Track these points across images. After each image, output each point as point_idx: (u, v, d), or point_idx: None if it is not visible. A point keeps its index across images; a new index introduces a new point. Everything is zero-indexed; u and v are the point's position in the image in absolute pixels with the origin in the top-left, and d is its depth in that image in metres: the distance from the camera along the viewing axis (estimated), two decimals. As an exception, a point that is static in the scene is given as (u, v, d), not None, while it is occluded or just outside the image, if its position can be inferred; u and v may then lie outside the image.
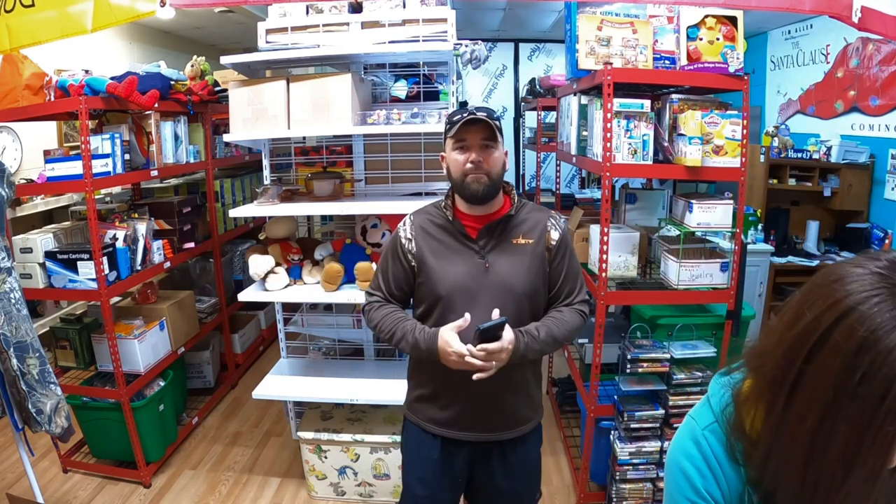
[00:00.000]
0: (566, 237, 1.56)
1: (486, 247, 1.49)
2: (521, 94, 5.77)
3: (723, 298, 2.22)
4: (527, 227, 1.52)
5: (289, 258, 2.56)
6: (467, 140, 1.44)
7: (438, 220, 1.54)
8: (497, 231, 1.50)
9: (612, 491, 2.36)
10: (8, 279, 1.93)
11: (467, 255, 1.49)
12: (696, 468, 0.81)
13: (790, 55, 4.88)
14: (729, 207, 2.12)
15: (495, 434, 1.55)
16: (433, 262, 1.49)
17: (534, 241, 1.51)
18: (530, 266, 1.49)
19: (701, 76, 2.08)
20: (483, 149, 1.44)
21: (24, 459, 2.13)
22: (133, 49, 4.48)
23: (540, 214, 1.56)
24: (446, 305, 1.47)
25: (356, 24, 2.38)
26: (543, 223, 1.54)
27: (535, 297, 1.52)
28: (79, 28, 1.81)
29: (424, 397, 1.59)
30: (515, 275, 1.48)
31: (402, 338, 1.48)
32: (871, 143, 4.01)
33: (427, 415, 1.58)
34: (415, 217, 1.59)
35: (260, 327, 4.21)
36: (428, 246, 1.51)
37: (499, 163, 1.46)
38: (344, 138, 2.76)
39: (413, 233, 1.54)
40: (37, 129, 3.41)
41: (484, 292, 1.46)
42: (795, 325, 0.69)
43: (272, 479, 2.79)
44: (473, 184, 1.43)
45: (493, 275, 1.47)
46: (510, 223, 1.51)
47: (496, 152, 1.45)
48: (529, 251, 1.50)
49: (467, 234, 1.50)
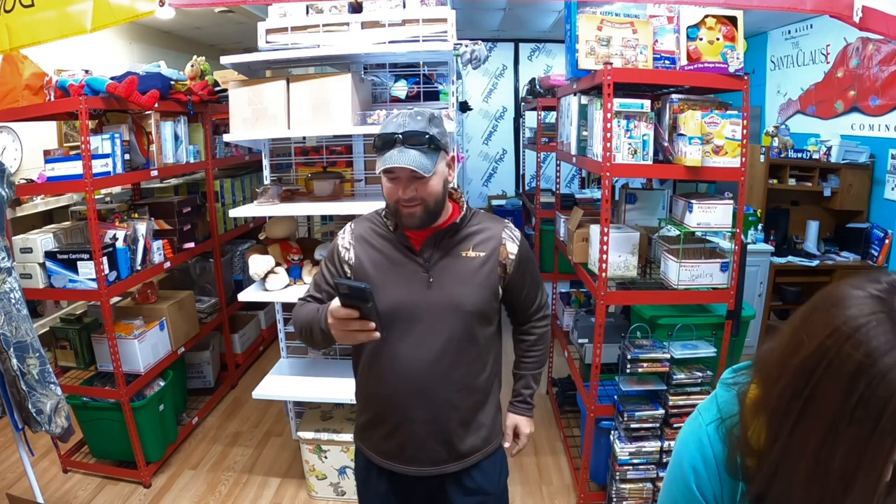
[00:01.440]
0: (525, 247, 1.43)
1: (431, 259, 1.35)
2: (521, 94, 5.77)
3: (723, 298, 2.22)
4: (478, 240, 1.38)
5: (289, 258, 2.56)
6: (395, 172, 1.27)
7: (380, 230, 1.40)
8: (443, 242, 1.36)
9: (612, 491, 2.36)
10: (8, 279, 1.93)
11: (410, 268, 1.34)
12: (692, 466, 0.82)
13: (790, 55, 4.88)
14: (729, 207, 2.12)
15: (443, 466, 1.39)
16: (373, 274, 1.35)
17: (485, 254, 1.37)
18: (479, 281, 1.35)
19: (701, 76, 2.08)
20: (414, 180, 1.26)
21: (24, 459, 2.13)
22: (133, 49, 4.48)
23: (493, 225, 1.42)
24: (385, 324, 1.26)
25: (356, 24, 2.38)
26: (497, 236, 1.39)
27: (485, 315, 1.38)
28: (78, 28, 1.80)
29: (370, 423, 1.44)
30: (462, 291, 1.34)
31: (309, 323, 1.34)
32: (871, 143, 4.01)
33: (373, 443, 1.44)
34: (355, 225, 1.45)
35: (260, 327, 4.21)
36: (368, 257, 1.38)
37: (436, 191, 1.30)
38: (344, 138, 2.76)
39: (352, 241, 1.41)
40: (37, 129, 3.41)
41: (428, 310, 1.32)
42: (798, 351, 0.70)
43: (272, 479, 2.79)
44: (407, 217, 1.30)
45: (438, 291, 1.33)
46: (458, 233, 1.38)
47: (431, 181, 1.28)
48: (479, 265, 1.36)
49: (411, 245, 1.36)
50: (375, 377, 1.39)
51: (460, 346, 1.35)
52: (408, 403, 1.35)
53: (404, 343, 1.33)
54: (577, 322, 2.97)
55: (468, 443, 1.41)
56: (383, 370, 1.37)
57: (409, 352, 1.33)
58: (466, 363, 1.37)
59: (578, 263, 2.56)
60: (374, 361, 1.38)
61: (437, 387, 1.34)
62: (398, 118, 1.29)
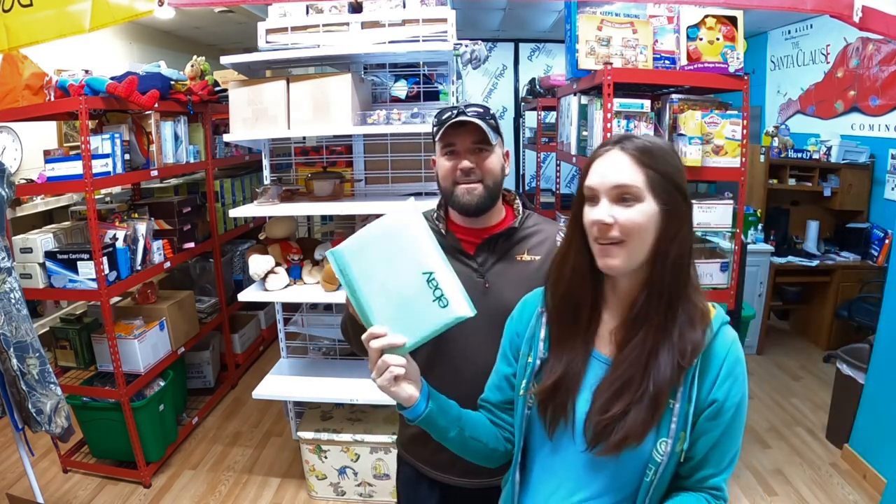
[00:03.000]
0: None
1: (486, 264, 1.29)
2: (521, 94, 5.77)
3: (723, 298, 2.22)
4: (533, 242, 1.32)
5: (289, 258, 2.56)
6: (456, 144, 1.24)
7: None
8: (498, 246, 1.30)
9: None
10: (8, 279, 1.93)
11: (464, 273, 1.26)
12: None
13: (790, 55, 4.89)
14: (729, 207, 2.12)
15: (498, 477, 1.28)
16: None
17: (541, 258, 1.30)
18: (536, 286, 1.26)
19: (701, 76, 2.08)
20: (475, 153, 1.24)
21: (24, 459, 2.13)
22: (133, 49, 4.48)
23: (548, 227, 1.36)
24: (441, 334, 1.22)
25: (356, 24, 2.38)
26: (552, 238, 1.34)
27: None
28: (77, 27, 1.80)
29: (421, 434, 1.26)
30: (519, 296, 1.24)
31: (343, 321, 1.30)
32: (871, 143, 4.01)
33: (423, 456, 1.38)
34: None
35: (260, 327, 4.21)
36: None
37: (496, 168, 1.26)
38: (344, 138, 2.76)
39: None
40: (37, 129, 3.41)
41: (483, 317, 1.20)
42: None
43: (272, 479, 2.79)
44: (465, 195, 1.24)
45: (494, 296, 1.27)
46: (513, 237, 1.32)
47: (492, 156, 1.25)
48: (535, 269, 1.29)
49: (463, 249, 1.30)
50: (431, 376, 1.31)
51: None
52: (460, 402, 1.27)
53: (460, 350, 1.28)
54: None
55: None
56: (438, 380, 1.25)
57: (464, 360, 1.27)
58: None
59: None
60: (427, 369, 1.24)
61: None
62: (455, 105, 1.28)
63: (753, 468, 2.79)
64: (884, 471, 2.55)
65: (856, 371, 2.84)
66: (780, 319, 4.79)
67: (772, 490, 2.63)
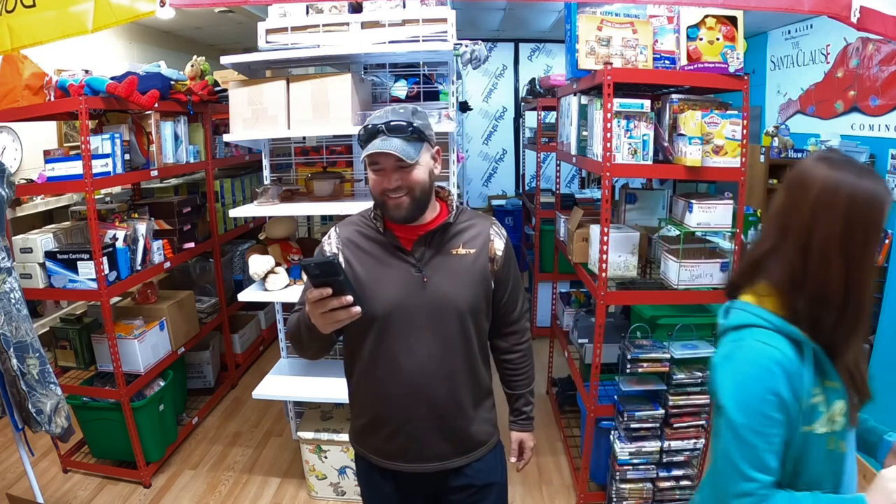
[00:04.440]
0: (509, 246, 1.44)
1: (423, 259, 1.33)
2: (521, 94, 5.77)
3: (723, 298, 2.22)
4: (468, 237, 1.38)
5: (289, 258, 2.57)
6: (380, 163, 1.27)
7: (368, 232, 1.38)
8: (434, 241, 1.35)
9: (612, 491, 2.36)
10: (8, 279, 1.93)
11: (402, 268, 1.33)
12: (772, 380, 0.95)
13: (790, 55, 4.89)
14: (729, 207, 2.12)
15: (449, 461, 1.40)
16: (365, 278, 1.33)
17: (475, 251, 1.37)
18: (473, 278, 1.36)
19: (701, 76, 2.08)
20: (399, 170, 1.27)
21: (24, 459, 2.13)
22: (133, 49, 4.48)
23: (481, 222, 1.42)
24: (382, 327, 1.31)
25: (356, 24, 2.38)
26: (486, 232, 1.40)
27: (479, 314, 1.38)
28: (79, 28, 1.81)
29: (369, 427, 1.42)
30: (457, 289, 1.34)
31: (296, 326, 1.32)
32: (871, 143, 4.01)
33: (373, 446, 1.42)
34: (340, 229, 1.42)
35: (260, 327, 4.21)
36: (358, 260, 1.35)
37: (421, 180, 1.29)
38: (344, 138, 2.76)
39: (339, 245, 1.38)
40: (37, 129, 3.41)
41: (423, 310, 1.32)
42: (790, 225, 1.00)
43: (272, 479, 2.79)
44: (394, 209, 1.29)
45: (433, 289, 1.32)
46: (448, 232, 1.37)
47: (416, 170, 1.27)
48: (470, 262, 1.36)
49: (401, 245, 1.34)
50: (374, 380, 1.37)
51: (459, 344, 1.35)
52: (410, 403, 1.34)
53: (402, 344, 1.32)
54: (577, 322, 2.97)
55: (473, 437, 1.42)
56: (382, 373, 1.35)
57: (407, 353, 1.32)
58: (466, 360, 1.37)
59: (578, 263, 2.56)
60: (371, 364, 1.37)
61: (439, 385, 1.34)
62: (382, 113, 1.30)
63: (753, 468, 2.79)
64: (884, 471, 2.55)
65: (856, 371, 2.83)
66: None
67: (772, 490, 2.63)
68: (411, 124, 1.28)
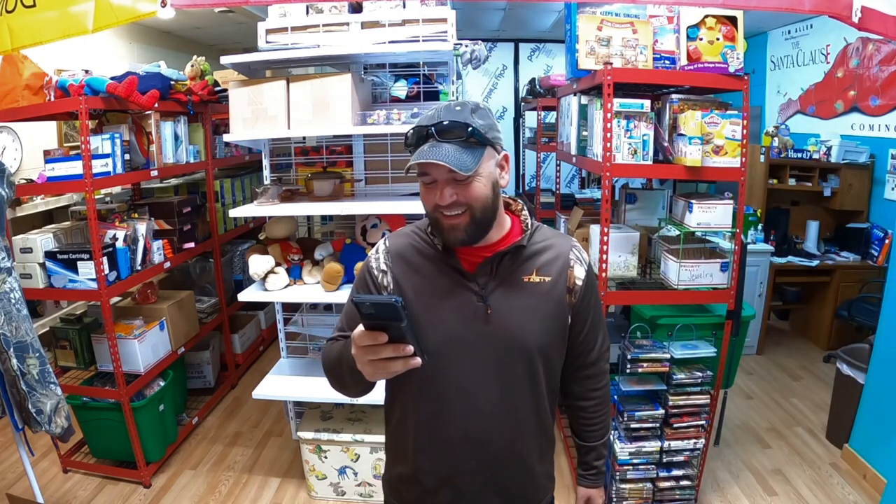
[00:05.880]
0: (592, 274, 1.21)
1: (488, 286, 1.11)
2: (521, 94, 5.77)
3: (723, 298, 2.22)
4: (543, 261, 1.14)
5: (289, 258, 2.57)
6: (431, 173, 1.05)
7: (423, 248, 1.15)
8: (502, 265, 1.12)
9: (612, 491, 2.36)
10: (8, 279, 1.93)
11: (463, 297, 1.10)
12: None
13: (790, 55, 4.89)
14: (729, 207, 2.12)
15: None
16: (417, 304, 1.11)
17: (552, 279, 1.13)
18: (546, 312, 1.13)
19: (701, 76, 2.08)
20: (454, 183, 1.04)
21: (24, 459, 2.13)
22: (133, 49, 4.48)
23: (560, 243, 1.18)
24: (433, 365, 1.04)
25: (356, 24, 2.38)
26: (565, 256, 1.16)
27: (551, 354, 1.16)
28: (80, 28, 1.80)
29: (410, 477, 1.20)
30: (527, 324, 1.11)
31: (336, 363, 1.11)
32: (871, 143, 4.02)
33: (413, 498, 1.21)
34: (391, 242, 1.19)
35: (260, 327, 4.21)
36: (410, 282, 1.13)
37: (483, 194, 1.05)
38: (344, 138, 2.76)
39: (389, 263, 1.16)
40: (37, 129, 3.41)
41: (484, 347, 1.10)
42: None
43: (272, 479, 2.79)
44: (450, 232, 1.07)
45: (498, 324, 1.10)
46: (520, 255, 1.13)
47: (477, 181, 1.05)
48: (546, 292, 1.13)
49: (462, 268, 1.11)
50: (422, 425, 1.15)
51: (525, 388, 1.13)
52: (461, 454, 1.13)
53: (457, 386, 1.11)
54: (577, 322, 2.97)
55: (529, 496, 1.23)
56: (429, 418, 1.14)
57: (462, 397, 1.11)
58: (533, 407, 1.16)
59: (578, 263, 2.55)
60: (416, 408, 1.15)
61: (495, 436, 1.13)
62: (433, 111, 1.08)
63: (753, 468, 2.79)
64: (884, 471, 2.56)
65: (856, 371, 2.84)
66: (780, 319, 4.80)
67: (772, 490, 2.63)
68: (469, 125, 1.03)
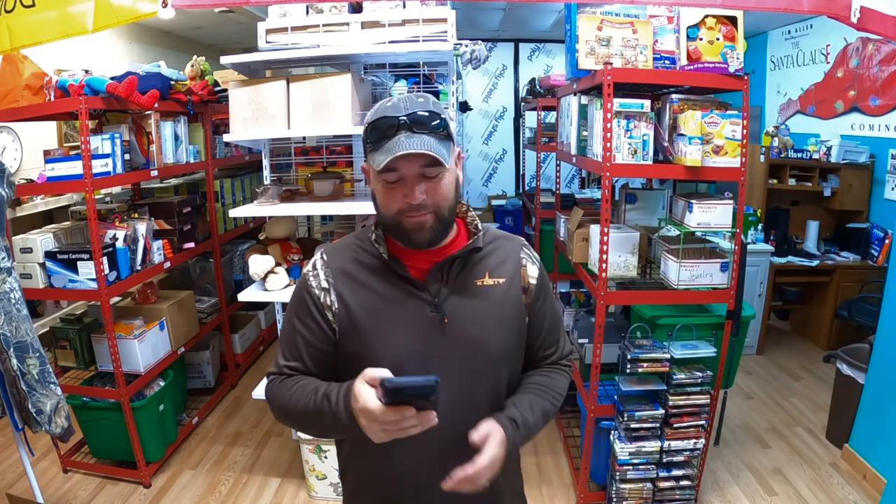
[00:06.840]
0: (544, 272, 1.14)
1: (441, 294, 1.02)
2: (521, 94, 5.77)
3: (723, 298, 2.22)
4: (494, 263, 1.08)
5: (289, 258, 2.57)
6: (401, 169, 0.95)
7: (367, 260, 1.05)
8: (454, 271, 1.04)
9: (612, 491, 2.36)
10: (8, 279, 1.93)
11: (415, 307, 1.02)
12: None
13: (790, 55, 4.89)
14: (729, 207, 2.12)
15: None
16: (367, 322, 1.01)
17: (506, 281, 1.07)
18: (504, 316, 1.06)
19: (701, 76, 2.08)
20: (424, 179, 0.96)
21: (24, 459, 2.13)
22: (133, 49, 4.48)
23: (509, 244, 1.12)
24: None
25: (356, 24, 2.38)
26: (516, 256, 1.11)
27: (514, 360, 1.10)
28: (80, 28, 1.80)
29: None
30: (487, 331, 1.04)
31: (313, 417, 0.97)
32: (871, 143, 4.02)
33: None
34: (329, 256, 1.08)
35: (260, 327, 4.21)
36: (356, 298, 1.03)
37: (450, 192, 0.99)
38: (344, 138, 2.76)
39: (331, 279, 1.04)
40: (37, 129, 3.41)
41: (444, 360, 1.01)
42: None
43: (272, 479, 2.79)
44: (415, 232, 0.98)
45: (456, 333, 1.02)
46: (471, 259, 1.06)
47: (445, 178, 0.97)
48: (501, 296, 1.06)
49: (411, 276, 1.03)
50: (382, 450, 0.95)
51: (489, 400, 1.05)
52: (428, 477, 1.01)
53: None
54: (577, 322, 2.97)
55: None
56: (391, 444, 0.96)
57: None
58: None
59: (578, 263, 2.56)
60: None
61: (463, 453, 0.98)
62: (396, 101, 0.99)
63: (753, 468, 2.79)
64: (884, 471, 2.56)
65: (856, 371, 2.84)
66: (780, 319, 4.80)
67: (772, 490, 2.63)
68: (439, 115, 0.96)
